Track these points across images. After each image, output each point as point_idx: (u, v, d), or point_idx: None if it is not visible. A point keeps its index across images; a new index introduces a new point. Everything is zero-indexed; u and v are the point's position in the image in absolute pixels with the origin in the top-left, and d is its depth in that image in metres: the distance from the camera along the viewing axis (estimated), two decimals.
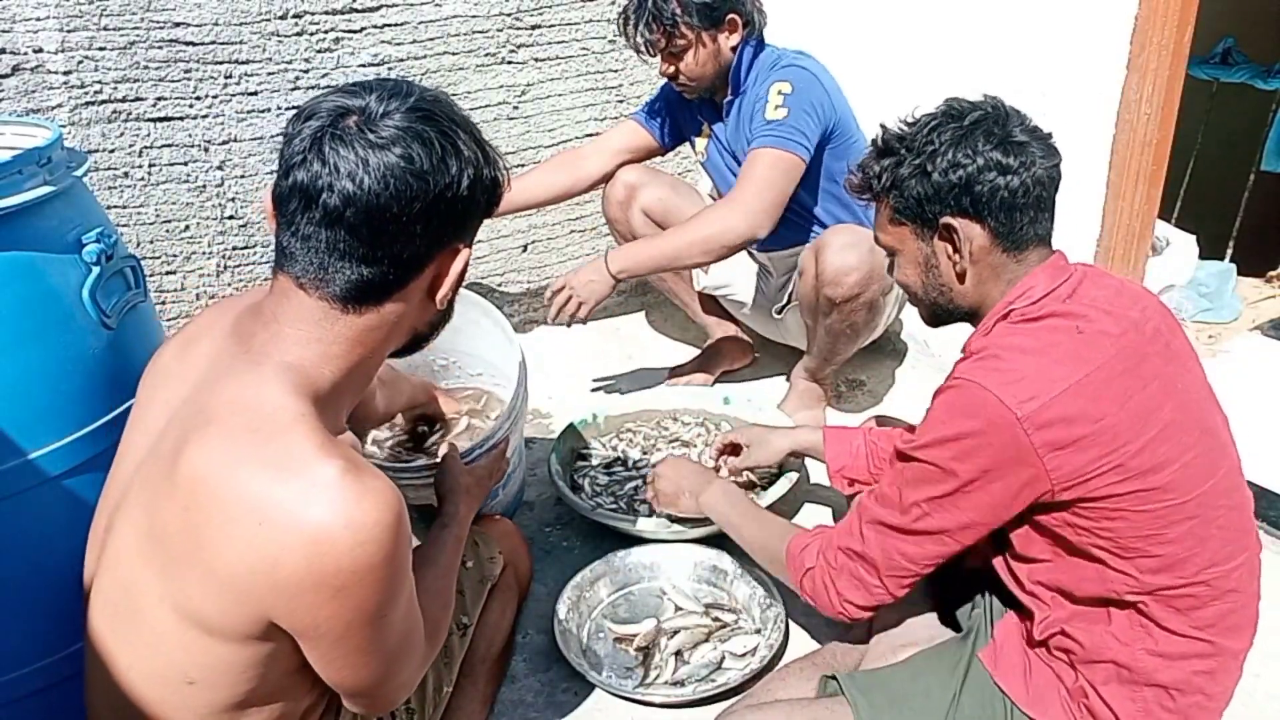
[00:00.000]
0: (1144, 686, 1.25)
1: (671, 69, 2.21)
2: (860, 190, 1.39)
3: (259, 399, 0.96)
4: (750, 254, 2.53)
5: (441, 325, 1.14)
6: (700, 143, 2.46)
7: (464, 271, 1.06)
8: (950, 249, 1.30)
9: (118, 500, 1.06)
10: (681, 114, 2.46)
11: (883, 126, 1.37)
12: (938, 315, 1.40)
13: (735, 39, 2.19)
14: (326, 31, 2.33)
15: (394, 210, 0.95)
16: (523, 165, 2.78)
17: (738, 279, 2.52)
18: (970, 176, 1.25)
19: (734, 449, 2.00)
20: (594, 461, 2.19)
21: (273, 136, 2.32)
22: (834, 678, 1.41)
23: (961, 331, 1.40)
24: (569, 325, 2.22)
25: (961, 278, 1.32)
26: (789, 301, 2.43)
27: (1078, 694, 1.28)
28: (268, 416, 0.95)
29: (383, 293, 1.00)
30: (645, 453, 2.22)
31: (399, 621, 1.04)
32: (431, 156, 0.96)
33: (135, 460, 1.05)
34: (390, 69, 2.45)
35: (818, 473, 2.17)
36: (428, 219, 0.98)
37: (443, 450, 1.66)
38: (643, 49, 2.16)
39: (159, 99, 2.15)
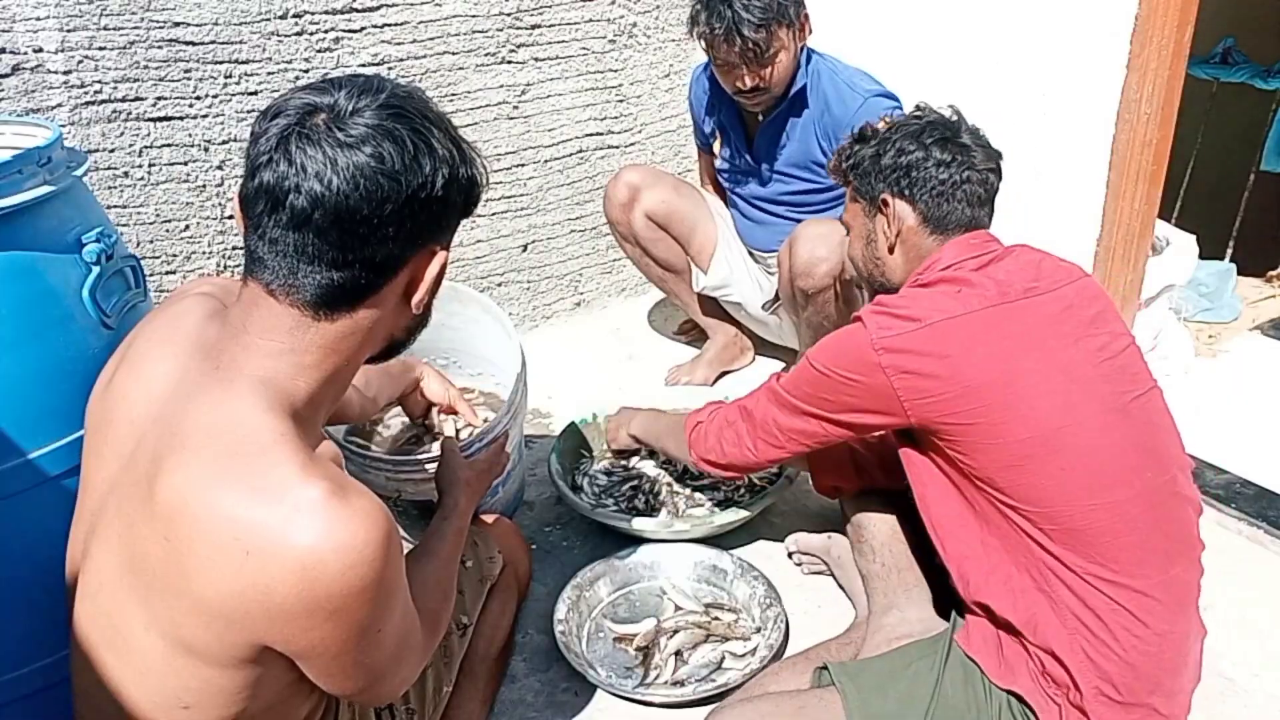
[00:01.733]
0: (1079, 629, 1.29)
1: (756, 80, 2.14)
2: (834, 172, 1.64)
3: (235, 419, 0.92)
4: (751, 254, 2.53)
5: (419, 330, 1.09)
6: (716, 145, 2.45)
7: (441, 274, 1.02)
8: (885, 224, 1.52)
9: (90, 525, 1.03)
10: (708, 117, 2.46)
11: (867, 123, 1.61)
12: (875, 290, 1.59)
13: (806, 36, 2.17)
14: (326, 31, 2.33)
15: (364, 212, 0.91)
16: (522, 165, 2.78)
17: (737, 280, 2.52)
18: (911, 163, 1.48)
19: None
20: (594, 461, 2.19)
21: None
22: (825, 668, 1.44)
23: None
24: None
25: (891, 249, 1.53)
26: (776, 298, 2.43)
27: (1035, 659, 1.33)
28: (245, 438, 0.91)
29: (355, 298, 0.96)
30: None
31: (395, 631, 1.02)
32: (404, 156, 0.92)
33: (105, 484, 1.02)
34: (390, 69, 2.45)
35: None
36: (400, 221, 0.94)
37: (444, 435, 1.66)
38: (745, 59, 2.09)
39: (159, 99, 2.15)
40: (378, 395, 1.67)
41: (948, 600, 1.55)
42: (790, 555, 1.97)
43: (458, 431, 1.83)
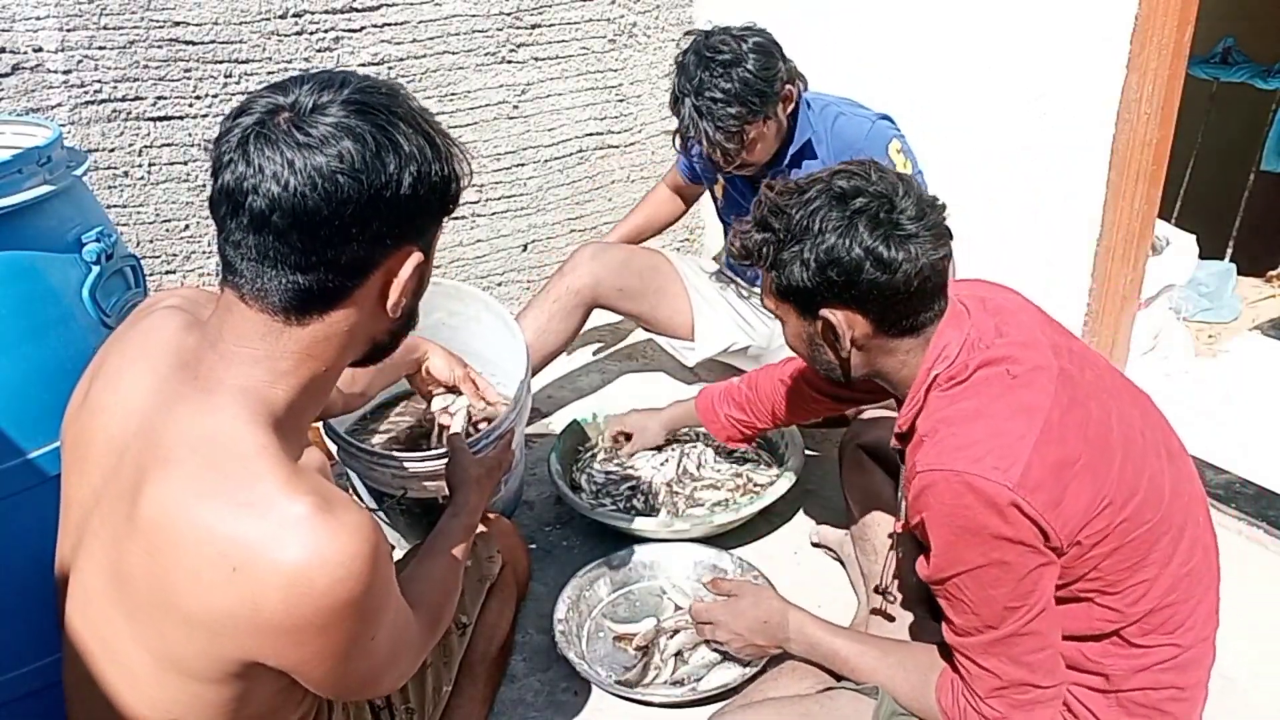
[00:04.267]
0: (1116, 693, 1.25)
1: (738, 163, 2.08)
2: (742, 258, 1.32)
3: (216, 431, 0.91)
4: (742, 289, 2.48)
5: (403, 334, 1.05)
6: (718, 189, 2.38)
7: (419, 276, 0.98)
8: (829, 334, 1.27)
9: (76, 539, 1.02)
10: (698, 160, 2.38)
11: (768, 188, 1.29)
12: (831, 380, 1.38)
13: (792, 105, 2.10)
14: (326, 31, 2.33)
15: (324, 213, 0.88)
16: (522, 165, 2.78)
17: (727, 334, 2.45)
18: (849, 270, 1.19)
19: (626, 437, 2.16)
20: (594, 461, 2.19)
21: None
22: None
23: None
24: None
25: (846, 361, 1.29)
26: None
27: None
28: (228, 451, 0.90)
29: (325, 301, 0.93)
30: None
31: (387, 635, 1.02)
32: (365, 154, 0.89)
33: (89, 499, 1.01)
34: (390, 68, 2.45)
35: (816, 477, 2.17)
36: (365, 221, 0.90)
37: (450, 433, 1.65)
38: (721, 162, 2.06)
39: (159, 98, 2.15)
40: (367, 388, 1.64)
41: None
42: (812, 543, 2.02)
43: (469, 423, 1.81)
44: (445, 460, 1.52)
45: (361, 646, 0.97)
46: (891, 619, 1.60)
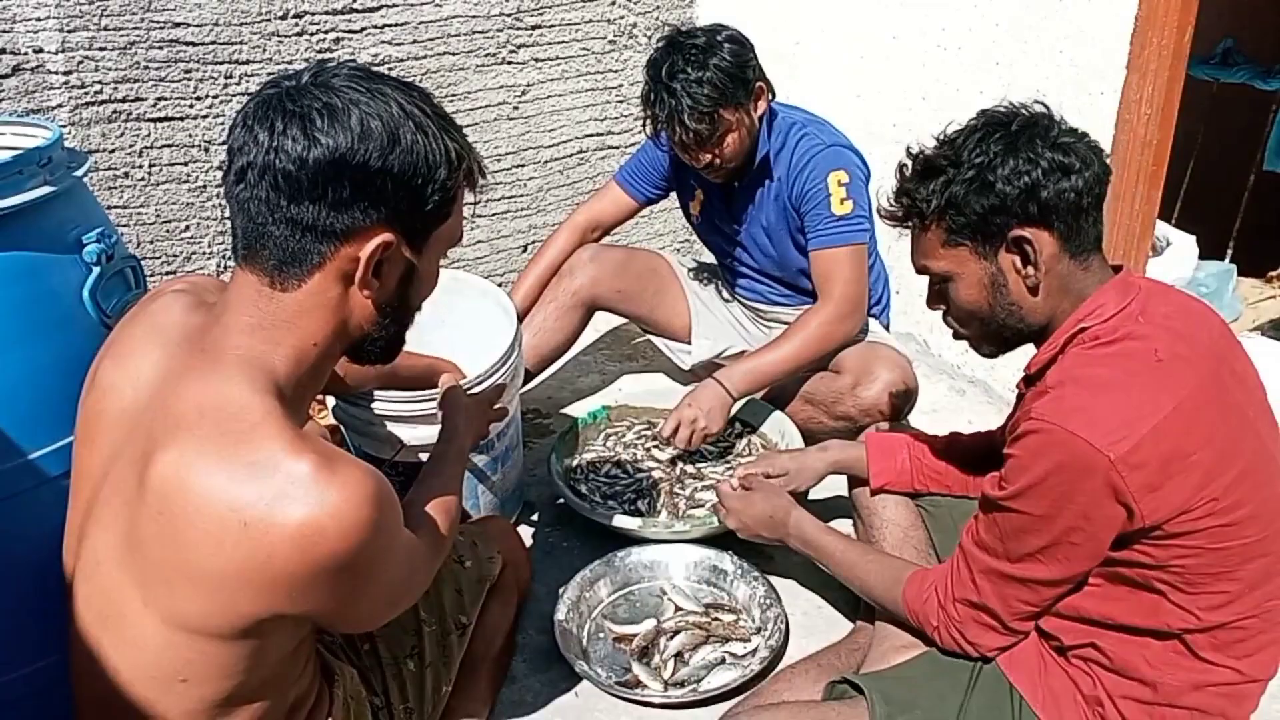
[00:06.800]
0: (1165, 707, 1.24)
1: (710, 157, 2.04)
2: (901, 219, 1.32)
3: (223, 399, 0.96)
4: (742, 302, 2.45)
5: (393, 332, 1.11)
6: (694, 207, 2.35)
7: (398, 264, 1.03)
8: (1020, 261, 1.25)
9: (86, 511, 1.06)
10: (678, 175, 2.33)
11: (914, 149, 1.31)
12: (1005, 340, 1.34)
13: (763, 106, 2.07)
14: (327, 32, 2.34)
15: (290, 170, 0.96)
16: (523, 166, 2.78)
17: (722, 339, 2.44)
18: (1036, 182, 1.20)
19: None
20: (594, 461, 2.20)
21: None
22: (846, 680, 1.39)
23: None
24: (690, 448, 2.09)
25: (1034, 291, 1.26)
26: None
27: (1093, 701, 1.28)
28: (234, 416, 0.95)
29: (300, 264, 0.99)
30: (645, 451, 2.22)
31: (398, 569, 1.08)
32: (334, 119, 0.96)
33: (99, 471, 1.05)
34: (390, 69, 2.45)
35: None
36: (328, 183, 0.96)
37: (443, 383, 1.69)
38: (689, 145, 2.02)
39: (159, 99, 2.15)
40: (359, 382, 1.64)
41: None
42: None
43: None
44: (439, 397, 1.55)
45: (376, 583, 1.03)
46: None
